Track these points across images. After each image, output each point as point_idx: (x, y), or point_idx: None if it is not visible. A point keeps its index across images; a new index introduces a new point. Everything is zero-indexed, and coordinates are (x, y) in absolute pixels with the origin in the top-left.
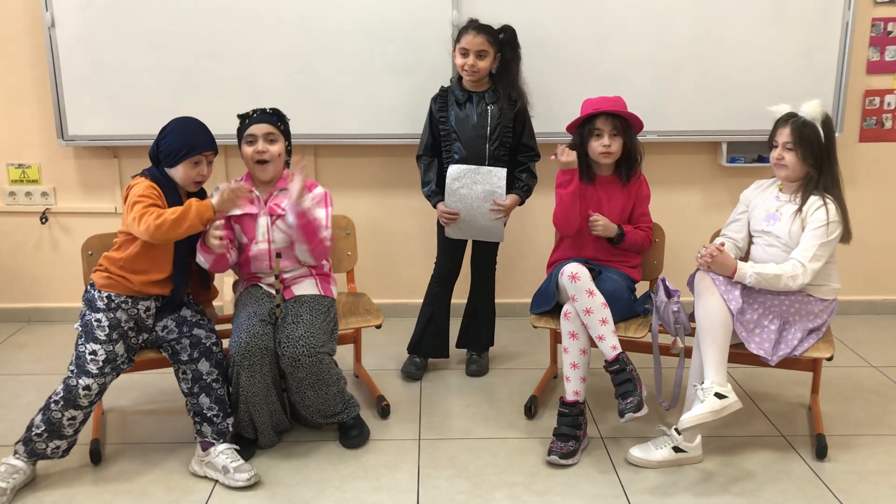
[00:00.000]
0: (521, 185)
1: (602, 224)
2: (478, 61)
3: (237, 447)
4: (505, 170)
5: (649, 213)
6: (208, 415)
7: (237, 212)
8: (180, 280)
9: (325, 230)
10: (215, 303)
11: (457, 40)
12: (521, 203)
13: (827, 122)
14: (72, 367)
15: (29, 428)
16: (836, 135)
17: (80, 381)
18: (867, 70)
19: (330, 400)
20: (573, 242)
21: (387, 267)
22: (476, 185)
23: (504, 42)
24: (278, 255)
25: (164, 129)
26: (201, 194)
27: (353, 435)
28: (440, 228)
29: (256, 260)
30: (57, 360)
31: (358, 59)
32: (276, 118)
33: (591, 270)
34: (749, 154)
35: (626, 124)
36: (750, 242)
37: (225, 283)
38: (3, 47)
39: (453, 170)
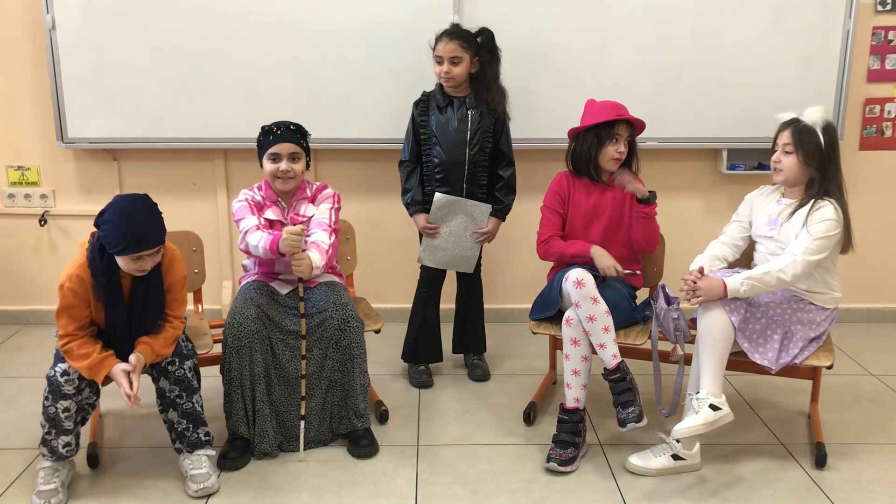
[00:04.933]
0: (501, 206)
1: (630, 179)
2: (452, 68)
3: (211, 452)
4: (490, 207)
5: None
6: (178, 428)
7: (271, 216)
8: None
9: (329, 237)
10: (214, 306)
11: (433, 48)
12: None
13: (829, 128)
14: (50, 365)
15: (42, 428)
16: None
17: (57, 368)
18: (868, 78)
19: (357, 389)
20: None
21: (386, 272)
22: (458, 215)
23: (481, 45)
24: None
25: (104, 210)
26: (156, 276)
27: (363, 444)
28: (422, 235)
29: (282, 262)
30: None
31: (359, 62)
32: (299, 135)
33: (594, 278)
34: (749, 161)
35: (632, 130)
36: (753, 248)
37: (223, 286)
38: (4, 49)
39: (439, 199)
